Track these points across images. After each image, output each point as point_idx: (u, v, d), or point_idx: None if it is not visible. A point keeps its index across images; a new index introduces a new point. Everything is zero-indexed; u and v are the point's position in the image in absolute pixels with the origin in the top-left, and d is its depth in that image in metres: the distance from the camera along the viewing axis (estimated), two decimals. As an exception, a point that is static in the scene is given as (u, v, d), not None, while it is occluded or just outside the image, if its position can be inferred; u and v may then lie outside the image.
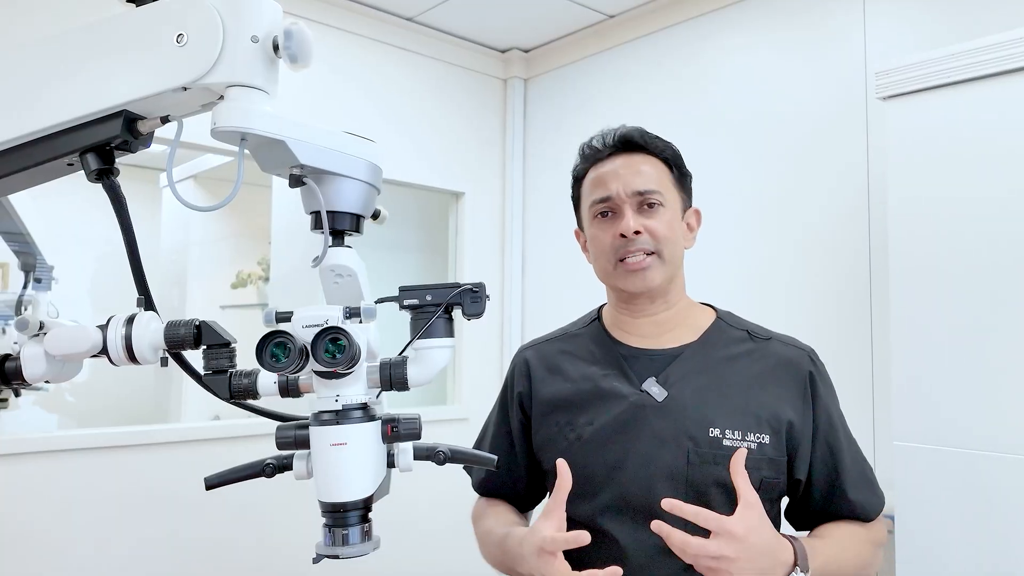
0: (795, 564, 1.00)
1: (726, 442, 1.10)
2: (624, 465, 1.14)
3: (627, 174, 1.18)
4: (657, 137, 1.24)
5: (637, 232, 1.15)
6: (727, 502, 1.07)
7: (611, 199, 1.18)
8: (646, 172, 1.18)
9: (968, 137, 1.67)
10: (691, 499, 1.05)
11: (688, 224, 1.24)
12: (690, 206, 1.26)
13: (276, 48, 0.80)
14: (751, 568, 0.95)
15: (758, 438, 1.11)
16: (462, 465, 1.18)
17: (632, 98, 3.00)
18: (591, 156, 1.24)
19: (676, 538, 0.95)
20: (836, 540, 1.13)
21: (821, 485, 1.17)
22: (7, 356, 0.86)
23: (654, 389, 1.15)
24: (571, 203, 1.31)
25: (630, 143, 1.21)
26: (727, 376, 1.16)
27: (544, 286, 3.30)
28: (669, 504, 0.97)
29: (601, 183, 1.20)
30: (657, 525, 0.97)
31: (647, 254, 1.16)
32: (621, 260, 1.17)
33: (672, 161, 1.22)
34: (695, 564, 0.97)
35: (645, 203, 1.17)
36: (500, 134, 3.43)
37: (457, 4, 2.91)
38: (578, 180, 1.27)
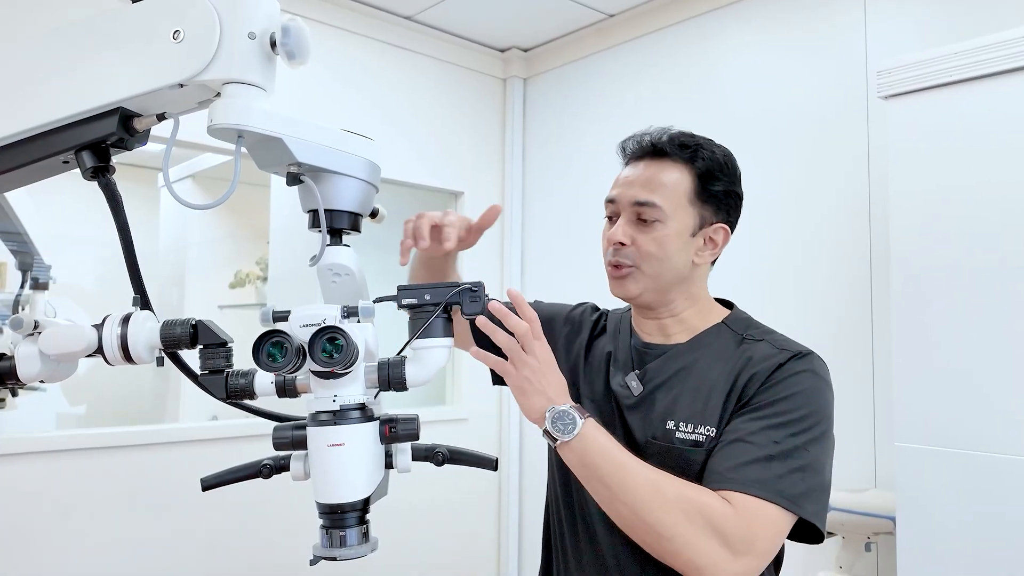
0: (578, 409, 1.00)
1: (678, 435, 1.09)
2: None
3: (635, 183, 1.16)
4: (699, 145, 1.17)
5: (623, 244, 1.15)
6: None
7: (615, 204, 1.18)
8: (656, 184, 1.14)
9: (969, 136, 1.66)
10: None
11: (708, 239, 1.18)
12: (718, 222, 1.18)
13: (273, 45, 0.79)
14: (537, 380, 0.99)
15: (707, 431, 1.08)
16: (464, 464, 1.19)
17: (632, 98, 2.99)
18: (623, 157, 1.23)
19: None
20: (640, 462, 1.00)
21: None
22: (2, 355, 0.85)
23: (633, 384, 1.17)
24: None
25: (658, 150, 1.17)
26: (702, 375, 1.14)
27: (543, 285, 3.29)
28: (475, 352, 1.01)
29: (614, 186, 1.20)
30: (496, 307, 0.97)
31: (629, 266, 1.16)
32: (612, 265, 1.18)
33: (704, 173, 1.16)
34: (510, 351, 0.99)
35: (640, 216, 1.15)
36: (499, 134, 3.42)
37: (456, 3, 2.90)
38: None
